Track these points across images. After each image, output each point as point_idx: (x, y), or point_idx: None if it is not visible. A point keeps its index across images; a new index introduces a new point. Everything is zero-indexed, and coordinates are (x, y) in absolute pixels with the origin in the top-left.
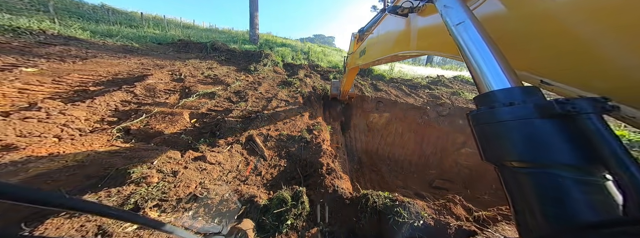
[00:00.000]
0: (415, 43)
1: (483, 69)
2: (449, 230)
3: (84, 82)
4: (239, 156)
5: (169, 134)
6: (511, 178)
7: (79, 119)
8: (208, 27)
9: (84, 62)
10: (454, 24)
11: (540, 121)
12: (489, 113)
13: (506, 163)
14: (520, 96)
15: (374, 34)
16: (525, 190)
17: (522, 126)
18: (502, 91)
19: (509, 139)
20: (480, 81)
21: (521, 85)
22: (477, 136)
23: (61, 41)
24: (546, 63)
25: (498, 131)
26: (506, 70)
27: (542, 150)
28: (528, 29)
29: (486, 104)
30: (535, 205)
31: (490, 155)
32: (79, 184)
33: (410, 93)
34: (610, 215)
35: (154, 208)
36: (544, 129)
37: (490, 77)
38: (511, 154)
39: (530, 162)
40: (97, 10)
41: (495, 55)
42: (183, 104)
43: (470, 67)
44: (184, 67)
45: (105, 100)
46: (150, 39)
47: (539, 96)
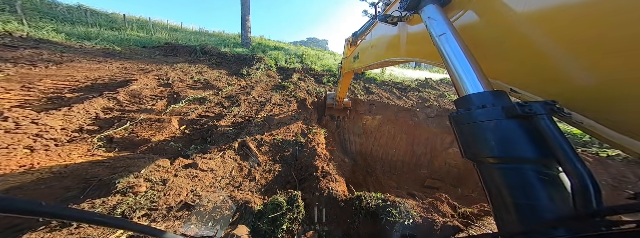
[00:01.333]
0: (404, 50)
1: (461, 76)
2: (435, 227)
3: (59, 88)
4: (232, 162)
5: (156, 142)
6: (487, 173)
7: (54, 128)
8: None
9: (58, 66)
10: (437, 34)
11: (506, 121)
12: (466, 115)
13: (482, 159)
14: (490, 99)
15: (367, 39)
16: (498, 184)
17: (492, 125)
18: (476, 95)
19: (483, 138)
20: (459, 85)
21: (492, 89)
22: (458, 136)
23: (31, 44)
24: (511, 71)
25: (474, 131)
26: (480, 76)
27: (509, 147)
28: (497, 39)
29: (464, 106)
30: (506, 197)
31: (469, 153)
32: (58, 196)
33: (401, 96)
34: (562, 208)
35: (142, 218)
36: (509, 128)
37: (467, 82)
38: (485, 151)
39: (500, 158)
40: (73, 11)
41: (471, 63)
42: (171, 110)
43: (450, 74)
44: (171, 71)
45: (85, 107)
46: (134, 42)
47: (506, 99)
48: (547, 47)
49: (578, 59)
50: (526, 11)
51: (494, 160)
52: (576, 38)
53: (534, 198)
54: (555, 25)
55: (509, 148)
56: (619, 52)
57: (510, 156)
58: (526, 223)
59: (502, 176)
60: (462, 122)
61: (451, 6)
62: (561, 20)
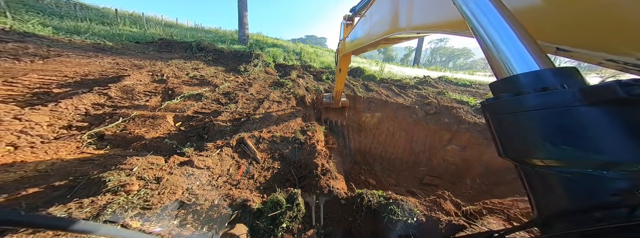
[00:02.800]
0: (415, 19)
1: (501, 48)
2: (440, 226)
3: (46, 83)
4: (230, 160)
5: (150, 139)
6: (539, 180)
7: (40, 125)
8: (193, 26)
9: (45, 61)
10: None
11: (587, 108)
12: (513, 101)
13: (534, 160)
14: (555, 79)
15: (367, 16)
16: (558, 196)
17: (559, 115)
18: (528, 75)
19: (539, 132)
20: (498, 62)
21: (553, 66)
22: (495, 128)
23: (15, 38)
24: (564, 26)
25: (524, 122)
26: (531, 47)
27: (587, 145)
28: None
29: (509, 90)
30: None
31: (512, 151)
32: (44, 196)
33: (400, 93)
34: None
35: (135, 218)
36: (592, 119)
37: (510, 57)
38: (540, 150)
39: (567, 160)
40: (62, 5)
41: (514, 28)
42: (166, 106)
43: (483, 46)
44: (166, 67)
45: (73, 103)
46: (127, 38)
47: (578, 78)
48: None
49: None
50: None
51: (556, 162)
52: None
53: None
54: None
55: (586, 147)
56: None
57: (587, 158)
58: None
59: (567, 185)
60: (505, 111)
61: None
62: None
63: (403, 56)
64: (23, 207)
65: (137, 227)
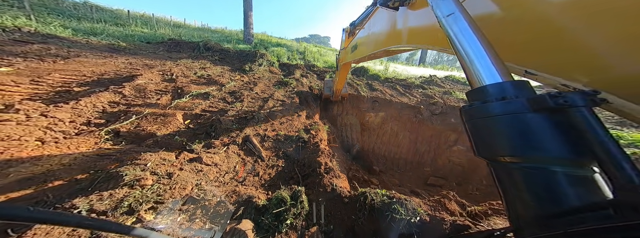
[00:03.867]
0: (407, 37)
1: (474, 63)
2: (444, 226)
3: (67, 82)
4: (236, 157)
5: (161, 136)
6: (504, 174)
7: (63, 121)
8: (200, 27)
9: (65, 61)
10: (444, 15)
11: (532, 115)
12: (481, 108)
13: (499, 158)
14: (512, 91)
15: (366, 28)
16: (519, 187)
17: (514, 120)
18: (494, 86)
19: (502, 134)
20: (472, 75)
21: (512, 79)
22: (470, 131)
23: (39, 39)
24: (531, 53)
25: (491, 126)
26: (497, 63)
27: (535, 144)
28: (514, 18)
29: (479, 98)
30: (528, 203)
31: (484, 150)
32: (68, 189)
33: (405, 93)
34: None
35: (149, 211)
36: (536, 123)
37: (481, 71)
38: (504, 149)
39: (522, 157)
40: (79, 7)
41: (485, 48)
42: (176, 105)
43: (461, 61)
44: (175, 67)
45: (92, 101)
46: (139, 38)
47: (530, 90)
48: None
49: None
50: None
51: (515, 158)
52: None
53: (562, 204)
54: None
55: (534, 146)
56: None
57: (535, 155)
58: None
59: (524, 177)
60: (477, 116)
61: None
62: None
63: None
64: (50, 198)
65: (150, 220)
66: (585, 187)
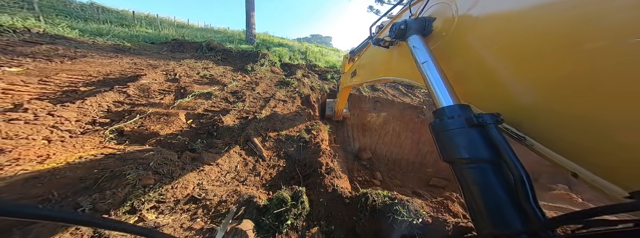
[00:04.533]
0: (394, 70)
1: (438, 93)
2: (446, 228)
3: (74, 82)
4: (237, 157)
5: (164, 136)
6: (460, 173)
7: (69, 120)
8: (203, 27)
9: (72, 61)
10: (421, 62)
11: (468, 129)
12: (441, 124)
13: (455, 161)
14: (458, 111)
15: (363, 58)
16: (468, 181)
17: (459, 133)
18: (448, 107)
19: (454, 143)
20: (436, 100)
21: (459, 103)
22: (436, 141)
23: (47, 40)
24: (474, 92)
25: (447, 137)
26: (451, 93)
27: (473, 150)
28: (462, 64)
29: (439, 117)
30: (475, 192)
31: (445, 156)
32: (72, 187)
33: (407, 93)
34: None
35: (151, 210)
36: (471, 135)
37: (441, 98)
38: (457, 154)
39: (467, 159)
40: (86, 9)
41: (445, 84)
42: (178, 104)
43: (430, 91)
44: (178, 67)
45: (97, 101)
46: (143, 39)
47: (468, 111)
48: (496, 70)
49: (516, 78)
50: (483, 41)
51: (464, 161)
52: (514, 60)
53: (495, 192)
54: (500, 49)
55: (472, 151)
56: (544, 88)
57: (474, 157)
58: (493, 218)
59: (471, 174)
60: (438, 130)
61: (432, 36)
62: (503, 44)
63: None
64: (55, 196)
65: (152, 219)
66: (504, 178)
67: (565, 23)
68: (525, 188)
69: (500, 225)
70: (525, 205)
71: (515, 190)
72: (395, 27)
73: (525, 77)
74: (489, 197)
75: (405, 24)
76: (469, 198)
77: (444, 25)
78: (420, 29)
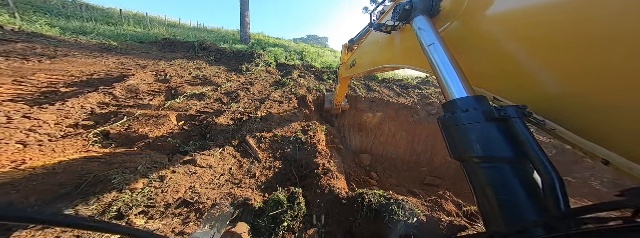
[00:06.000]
0: (398, 57)
1: (448, 82)
2: (441, 226)
3: (53, 83)
4: (232, 159)
5: (154, 138)
6: (472, 172)
7: (48, 123)
8: (195, 26)
9: (52, 61)
10: (427, 44)
11: (486, 124)
12: (452, 118)
13: (467, 159)
14: (473, 104)
15: (363, 46)
16: (482, 182)
17: (474, 128)
18: (460, 100)
19: (467, 139)
20: (446, 91)
21: (475, 95)
22: (445, 137)
23: (23, 38)
24: (492, 78)
25: (459, 133)
26: (464, 83)
27: (490, 147)
28: (479, 48)
29: (450, 110)
30: (489, 194)
31: (456, 153)
32: (51, 193)
33: (402, 93)
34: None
35: (139, 215)
36: (489, 130)
37: (453, 88)
38: (470, 151)
39: (482, 157)
40: (68, 6)
41: (456, 71)
42: (169, 106)
43: (438, 80)
44: (169, 67)
45: (79, 102)
46: (131, 38)
47: (486, 103)
48: (521, 56)
49: (547, 68)
50: (504, 22)
51: (478, 159)
52: (546, 48)
53: (513, 194)
54: (528, 36)
55: (490, 149)
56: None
57: (491, 155)
58: (508, 220)
59: (485, 174)
60: (449, 125)
61: (439, 17)
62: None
63: None
64: (31, 203)
65: (141, 225)
66: (528, 182)
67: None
68: (556, 193)
69: (515, 225)
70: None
71: (541, 194)
72: (399, 8)
73: (560, 68)
74: (505, 199)
75: (411, 3)
76: (482, 199)
77: (454, 5)
78: (426, 8)
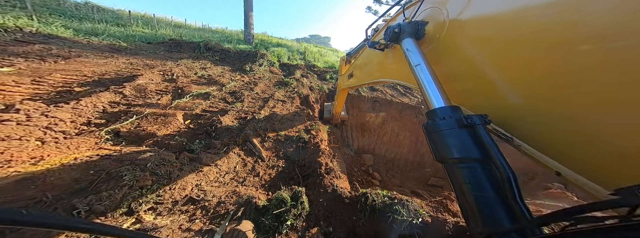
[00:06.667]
0: (389, 73)
1: (430, 95)
2: (446, 227)
3: (68, 82)
4: (236, 158)
5: (162, 136)
6: (451, 172)
7: (64, 121)
8: (201, 27)
9: (66, 61)
10: (414, 64)
11: (459, 130)
12: (433, 125)
13: (447, 161)
14: (449, 113)
15: (359, 60)
16: (459, 180)
17: (451, 133)
18: (439, 109)
19: (446, 143)
20: (429, 102)
21: (450, 105)
22: (429, 142)
23: (41, 39)
24: (465, 93)
25: (439, 138)
26: (443, 95)
27: (463, 150)
28: (454, 66)
29: (431, 118)
30: (466, 191)
31: (438, 156)
32: (67, 189)
33: (405, 93)
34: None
35: (149, 212)
36: (462, 135)
37: (434, 99)
38: (448, 154)
39: (458, 159)
40: (81, 8)
41: (437, 86)
42: (176, 105)
43: (423, 93)
44: (176, 67)
45: (92, 101)
46: (140, 38)
47: (458, 112)
48: (484, 71)
49: (501, 79)
50: (471, 43)
51: (455, 160)
52: (499, 61)
53: (484, 190)
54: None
55: (463, 151)
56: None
57: (464, 157)
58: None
59: (462, 173)
60: (431, 130)
61: (424, 40)
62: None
63: None
64: (49, 198)
65: (149, 221)
66: (493, 178)
67: (548, 26)
68: (512, 187)
69: (490, 224)
70: (512, 204)
71: (503, 189)
72: (389, 31)
73: (511, 78)
74: (479, 196)
75: (399, 27)
76: (461, 197)
77: (436, 29)
78: (413, 32)
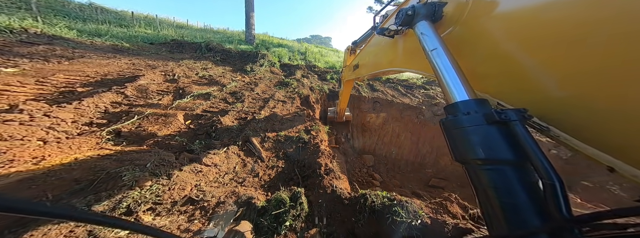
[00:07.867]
0: (401, 61)
1: (450, 86)
2: (446, 229)
3: (71, 83)
4: (236, 158)
5: (162, 136)
6: (474, 175)
7: (66, 121)
8: (202, 27)
9: (70, 62)
10: (430, 49)
11: (487, 127)
12: (453, 120)
13: (470, 162)
14: (474, 107)
15: (366, 49)
16: (484, 184)
17: (476, 131)
18: (462, 103)
19: (469, 142)
20: (448, 94)
21: (476, 98)
22: (448, 140)
23: (45, 40)
24: (494, 83)
25: (461, 135)
26: (466, 86)
27: (491, 150)
28: (481, 53)
29: (452, 113)
30: (492, 197)
31: (458, 156)
32: (67, 188)
33: (406, 93)
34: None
35: (147, 212)
36: (490, 133)
37: (455, 91)
38: (472, 154)
39: (484, 160)
40: (85, 9)
41: (458, 75)
42: (177, 105)
43: (441, 84)
44: (177, 67)
45: (94, 101)
46: (142, 39)
47: (487, 106)
48: (521, 59)
49: (547, 70)
50: (506, 25)
51: (480, 162)
52: (545, 50)
53: (515, 197)
54: (529, 38)
55: (491, 151)
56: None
57: (492, 158)
58: (511, 223)
59: (487, 177)
60: (451, 127)
61: (442, 22)
62: (534, 32)
63: None
64: (49, 198)
65: (148, 221)
66: (530, 185)
67: (608, 10)
68: (557, 196)
69: (518, 228)
70: (555, 215)
71: (543, 197)
72: (401, 13)
73: (560, 70)
74: (507, 202)
75: (413, 9)
76: (484, 202)
77: (457, 10)
78: (429, 14)
